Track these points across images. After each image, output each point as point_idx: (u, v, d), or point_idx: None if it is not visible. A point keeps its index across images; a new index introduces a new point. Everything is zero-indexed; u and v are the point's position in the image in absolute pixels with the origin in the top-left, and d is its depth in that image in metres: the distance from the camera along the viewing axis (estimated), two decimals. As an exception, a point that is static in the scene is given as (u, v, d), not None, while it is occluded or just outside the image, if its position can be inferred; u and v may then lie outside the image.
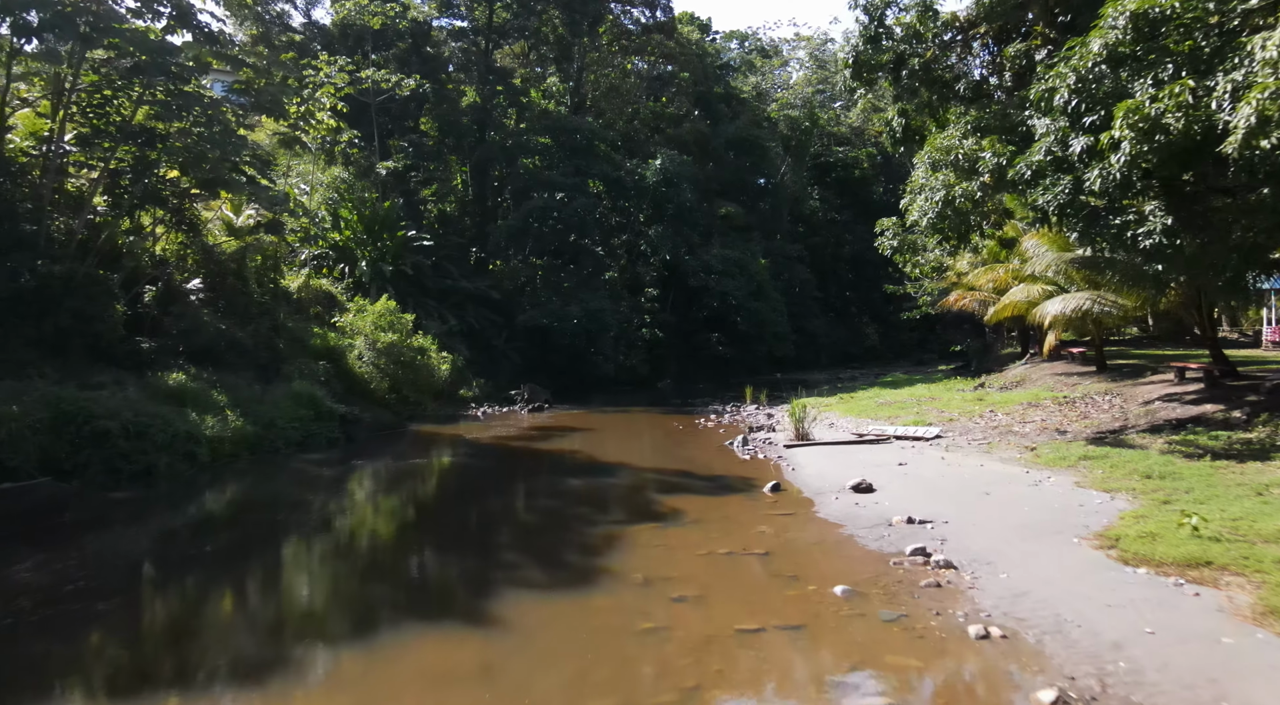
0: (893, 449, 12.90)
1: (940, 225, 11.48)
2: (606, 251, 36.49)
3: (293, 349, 19.16)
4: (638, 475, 12.13)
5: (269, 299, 19.60)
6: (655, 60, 41.38)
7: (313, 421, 15.54)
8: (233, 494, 11.48)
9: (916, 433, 13.64)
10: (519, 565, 7.58)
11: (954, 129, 11.38)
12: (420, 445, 16.36)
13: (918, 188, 11.89)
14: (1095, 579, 6.01)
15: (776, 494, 10.29)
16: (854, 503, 9.37)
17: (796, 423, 14.81)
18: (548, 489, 11.47)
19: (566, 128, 32.87)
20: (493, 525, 9.26)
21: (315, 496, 10.79)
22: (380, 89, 29.55)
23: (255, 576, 7.61)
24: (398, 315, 21.73)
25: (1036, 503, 8.49)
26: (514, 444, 16.01)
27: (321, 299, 23.17)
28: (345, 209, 27.93)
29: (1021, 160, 10.29)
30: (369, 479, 12.42)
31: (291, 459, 13.92)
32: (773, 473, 11.97)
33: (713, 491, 10.71)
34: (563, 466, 13.45)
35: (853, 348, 52.15)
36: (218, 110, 15.02)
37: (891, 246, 13.18)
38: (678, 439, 16.65)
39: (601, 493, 11.07)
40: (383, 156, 30.09)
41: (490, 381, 26.97)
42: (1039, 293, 17.61)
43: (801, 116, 47.71)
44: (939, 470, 10.75)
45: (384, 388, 20.62)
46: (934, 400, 17.69)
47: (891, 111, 13.63)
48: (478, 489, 11.72)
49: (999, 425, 13.53)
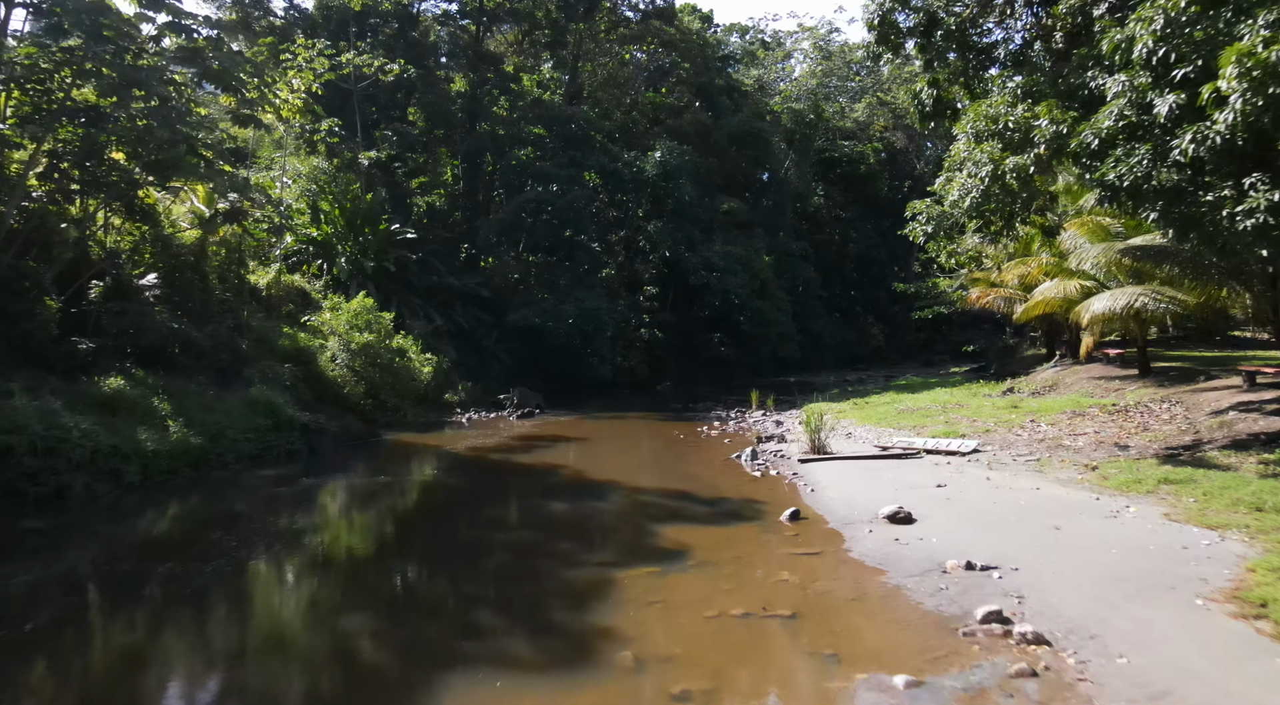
0: (925, 466, 11.26)
1: (985, 206, 9.83)
2: (603, 248, 34.85)
3: (258, 351, 17.51)
4: (633, 498, 10.48)
5: (232, 296, 17.96)
6: (654, 49, 39.74)
7: (270, 432, 13.90)
8: (145, 525, 9.65)
9: (950, 446, 12.00)
10: (480, 633, 5.94)
11: (1000, 95, 9.73)
12: (391, 458, 14.71)
13: (958, 163, 10.23)
14: (1258, 669, 4.37)
15: (796, 523, 8.64)
16: (893, 537, 7.73)
17: (812, 434, 13.16)
18: (528, 516, 9.81)
19: (561, 117, 31.23)
20: (455, 571, 7.61)
21: (241, 530, 8.96)
22: (363, 75, 27.89)
23: (100, 664, 5.60)
24: (375, 314, 20.09)
25: (1124, 542, 6.84)
26: (496, 457, 14.35)
27: (294, 296, 21.53)
28: (325, 201, 26.35)
29: (1086, 127, 8.65)
30: (316, 504, 10.66)
31: (240, 475, 12.27)
32: (789, 494, 10.33)
33: (720, 520, 9.06)
34: (548, 486, 11.79)
35: (858, 349, 50.59)
36: (161, 81, 13.35)
37: (925, 233, 11.46)
38: (679, 451, 15.01)
39: (590, 521, 9.42)
40: (367, 147, 28.42)
41: (479, 384, 25.33)
42: (1076, 289, 15.97)
43: (806, 109, 46.09)
44: (987, 494, 9.11)
45: (359, 392, 18.98)
46: (961, 407, 16.04)
47: (921, 81, 11.98)
48: (444, 517, 10.05)
49: (1045, 438, 11.88)
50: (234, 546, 8.13)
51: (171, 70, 13.61)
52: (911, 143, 59.36)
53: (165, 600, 6.70)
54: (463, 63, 31.20)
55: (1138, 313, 13.87)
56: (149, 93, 13.08)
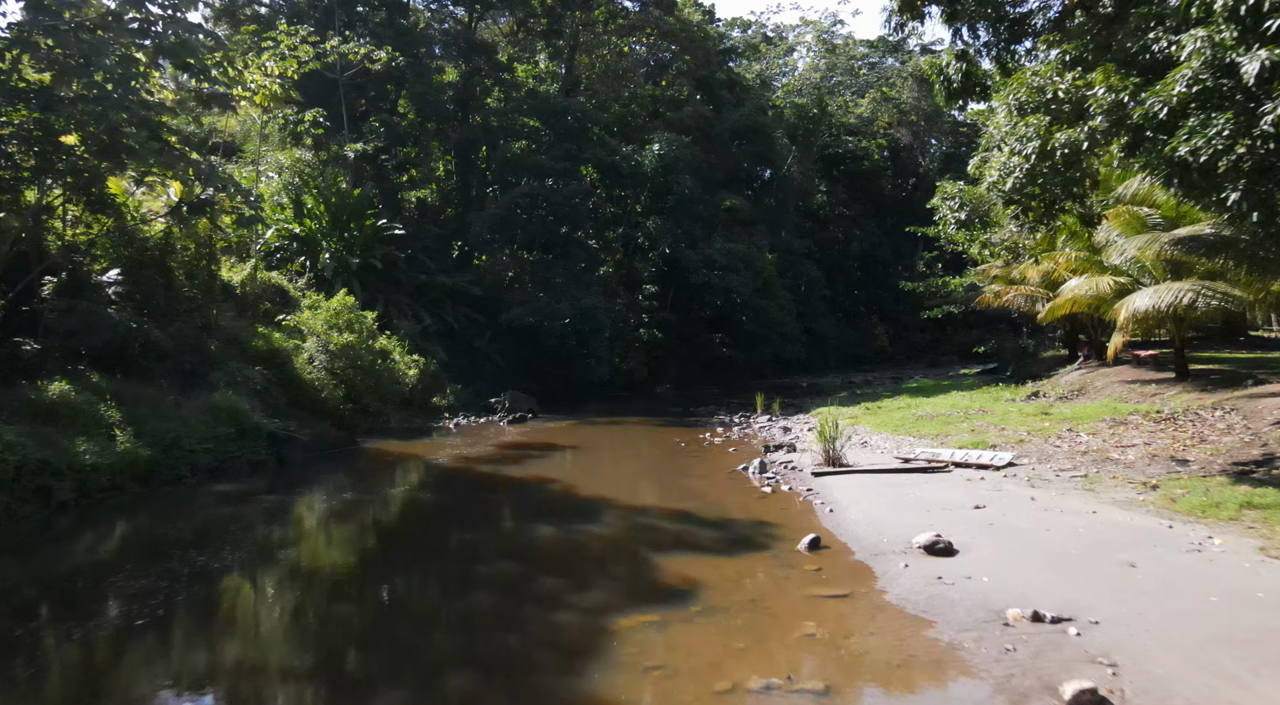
0: (955, 481, 10.06)
1: (1028, 188, 8.63)
2: (600, 245, 33.65)
3: (228, 352, 16.30)
4: (630, 519, 9.27)
5: (200, 294, 16.73)
6: (654, 41, 38.57)
7: (233, 441, 12.70)
8: (50, 557, 8.23)
9: (981, 459, 10.80)
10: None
11: (1046, 62, 8.53)
12: (367, 470, 13.51)
13: (996, 139, 9.02)
14: None
15: (817, 553, 7.45)
16: (934, 574, 6.53)
17: (826, 443, 11.96)
18: (511, 544, 8.58)
19: (557, 109, 30.02)
20: (421, 617, 6.41)
21: (162, 566, 7.60)
22: (349, 63, 26.69)
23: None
24: (357, 313, 18.85)
25: (1223, 586, 5.65)
26: (482, 469, 13.14)
27: (272, 294, 20.32)
28: (309, 195, 25.18)
29: (1152, 95, 7.46)
30: (265, 530, 9.32)
31: (193, 491, 11.06)
32: (805, 515, 9.14)
33: (729, 548, 7.86)
34: (536, 504, 10.59)
35: (861, 350, 49.40)
36: (111, 55, 12.13)
37: (956, 220, 10.29)
38: (680, 461, 13.81)
39: (581, 550, 8.20)
40: (354, 140, 27.22)
41: (470, 387, 24.15)
42: (1109, 285, 14.77)
43: (809, 104, 44.82)
44: (1036, 519, 7.91)
45: (338, 397, 17.77)
46: (985, 413, 14.84)
47: (948, 53, 10.77)
48: (415, 544, 8.83)
49: (1088, 450, 10.68)
50: (142, 591, 6.88)
51: (121, 44, 12.35)
52: (916, 140, 58.21)
53: (80, 645, 5.50)
54: (454, 52, 29.99)
55: (1187, 310, 12.66)
56: (96, 67, 11.85)
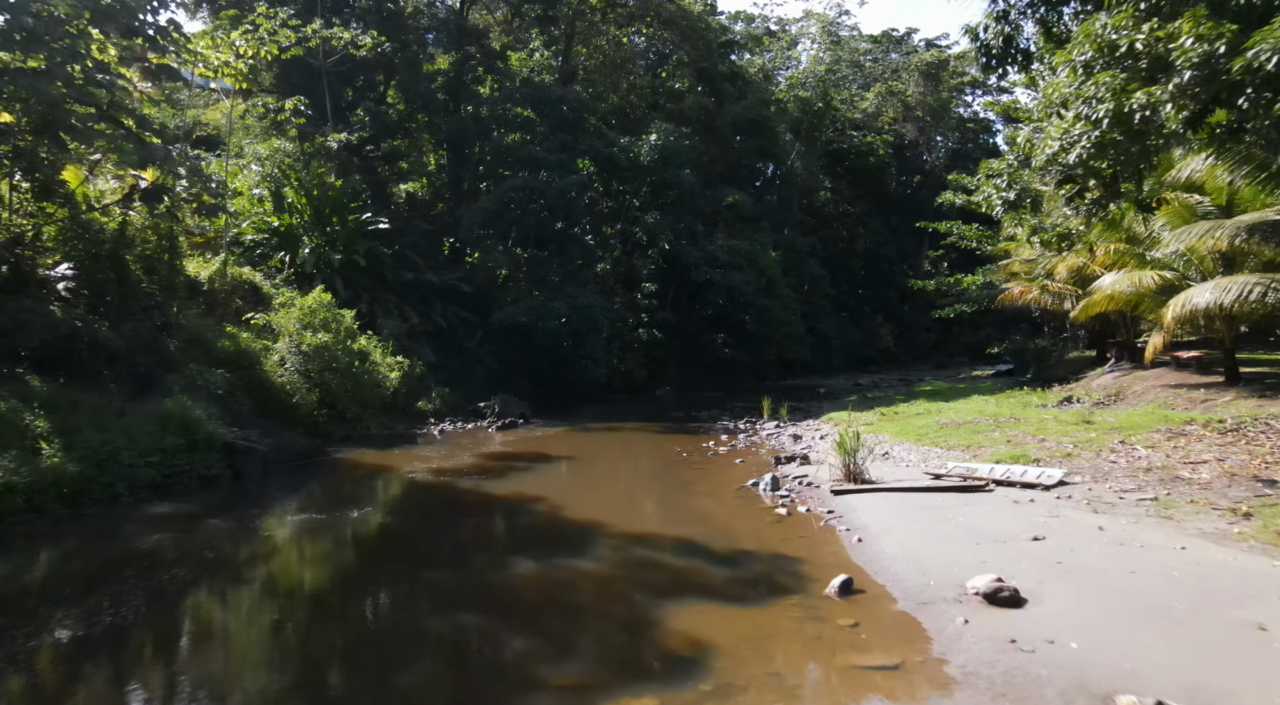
0: (1000, 503, 8.72)
1: (1096, 162, 7.27)
2: (598, 241, 32.28)
3: (190, 353, 14.95)
4: (624, 552, 7.91)
5: (159, 290, 15.39)
6: (653, 31, 37.22)
7: (181, 454, 11.33)
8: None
9: (1026, 476, 9.46)
10: None
11: (1120, 10, 7.18)
12: (333, 486, 12.15)
13: (1056, 102, 7.65)
14: None
15: (851, 600, 6.12)
16: (1004, 634, 5.19)
17: (846, 457, 10.62)
18: (475, 588, 7.15)
19: (552, 98, 28.63)
20: (357, 697, 5.07)
21: (54, 615, 6.36)
22: (332, 49, 25.34)
23: None
24: (333, 311, 17.55)
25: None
26: (462, 484, 11.76)
27: (244, 291, 18.97)
28: (290, 188, 23.83)
29: (1258, 41, 6.12)
30: (191, 566, 7.77)
31: (127, 513, 9.69)
32: (829, 544, 7.80)
33: (744, 593, 6.51)
34: (517, 532, 9.23)
35: (866, 350, 48.19)
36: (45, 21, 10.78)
37: (1004, 201, 8.88)
38: (682, 475, 12.46)
39: (560, 597, 6.82)
40: (339, 130, 25.85)
41: (460, 390, 22.80)
42: (1153, 280, 13.43)
43: (814, 97, 43.45)
44: (1113, 555, 6.56)
45: (312, 402, 16.44)
46: (1017, 421, 13.50)
47: (988, 15, 9.42)
48: (370, 586, 7.39)
49: (1150, 466, 9.33)
50: (36, 648, 5.55)
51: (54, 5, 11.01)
52: (922, 135, 56.94)
53: None
54: (445, 39, 28.63)
55: (1240, 308, 11.32)
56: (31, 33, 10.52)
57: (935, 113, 55.57)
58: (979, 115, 59.12)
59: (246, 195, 23.91)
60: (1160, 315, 13.05)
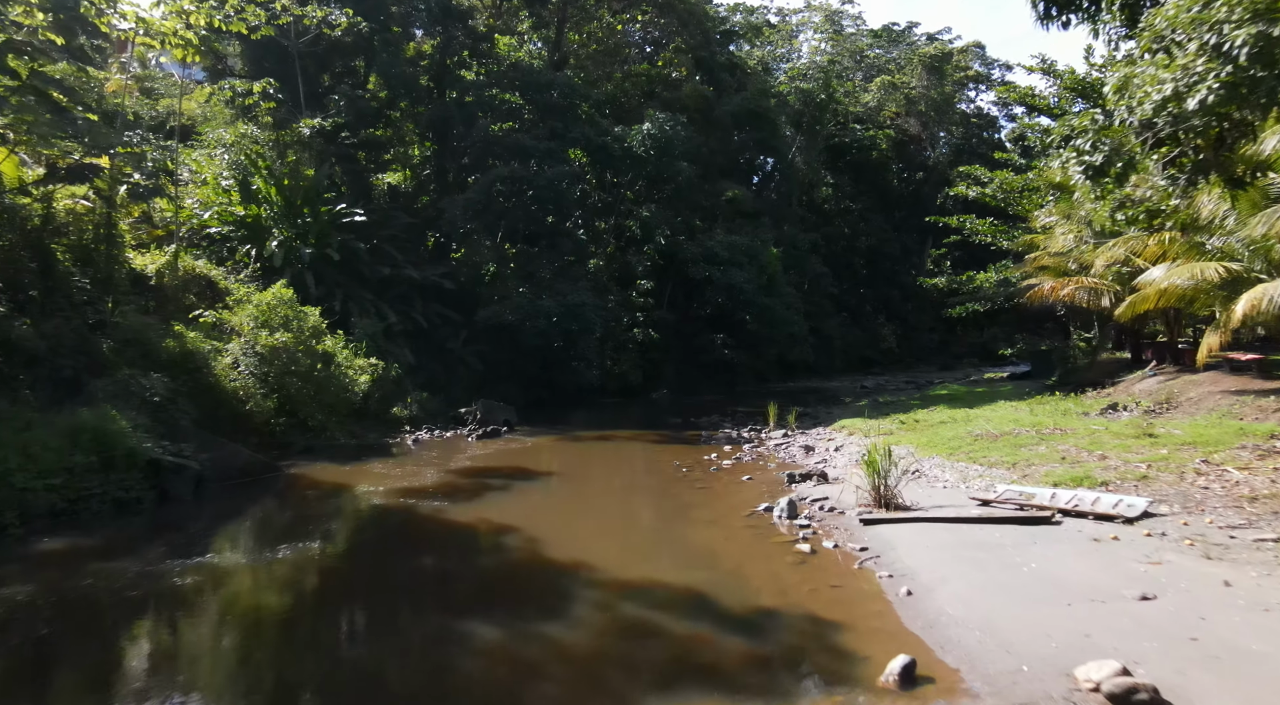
0: (1075, 539, 7.09)
1: (1226, 105, 5.61)
2: (590, 236, 30.62)
3: (126, 355, 13.26)
4: (612, 614, 6.21)
5: (92, 284, 13.68)
6: (649, 18, 35.53)
7: (94, 473, 9.64)
8: None
9: (1099, 505, 7.83)
10: None
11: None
12: (269, 513, 10.43)
13: (1164, 35, 5.98)
14: None
15: (918, 695, 4.49)
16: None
17: (876, 478, 8.99)
18: (422, 669, 5.44)
19: (541, 82, 26.95)
20: None
21: None
22: (304, 29, 23.65)
23: None
24: (295, 308, 15.86)
25: None
26: (424, 509, 10.05)
27: (199, 287, 17.26)
28: (259, 176, 22.12)
29: None
30: (40, 625, 6.10)
31: (12, 548, 7.99)
32: (870, 599, 6.17)
33: (769, 683, 4.86)
34: (479, 581, 7.48)
35: (869, 351, 46.58)
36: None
37: (1087, 166, 7.23)
38: (682, 495, 10.81)
39: (524, 692, 5.12)
40: (313, 116, 24.13)
41: (441, 395, 21.13)
42: (1217, 273, 11.82)
43: (815, 88, 41.82)
44: (1261, 627, 4.94)
45: (268, 409, 14.75)
46: (1062, 433, 11.87)
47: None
48: (251, 679, 5.66)
49: (1253, 494, 7.72)
50: None
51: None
52: (925, 130, 55.40)
53: None
54: (426, 18, 26.89)
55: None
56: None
57: (938, 107, 54.06)
58: (983, 110, 57.76)
59: (213, 184, 22.21)
60: (1228, 312, 11.46)
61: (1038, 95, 25.73)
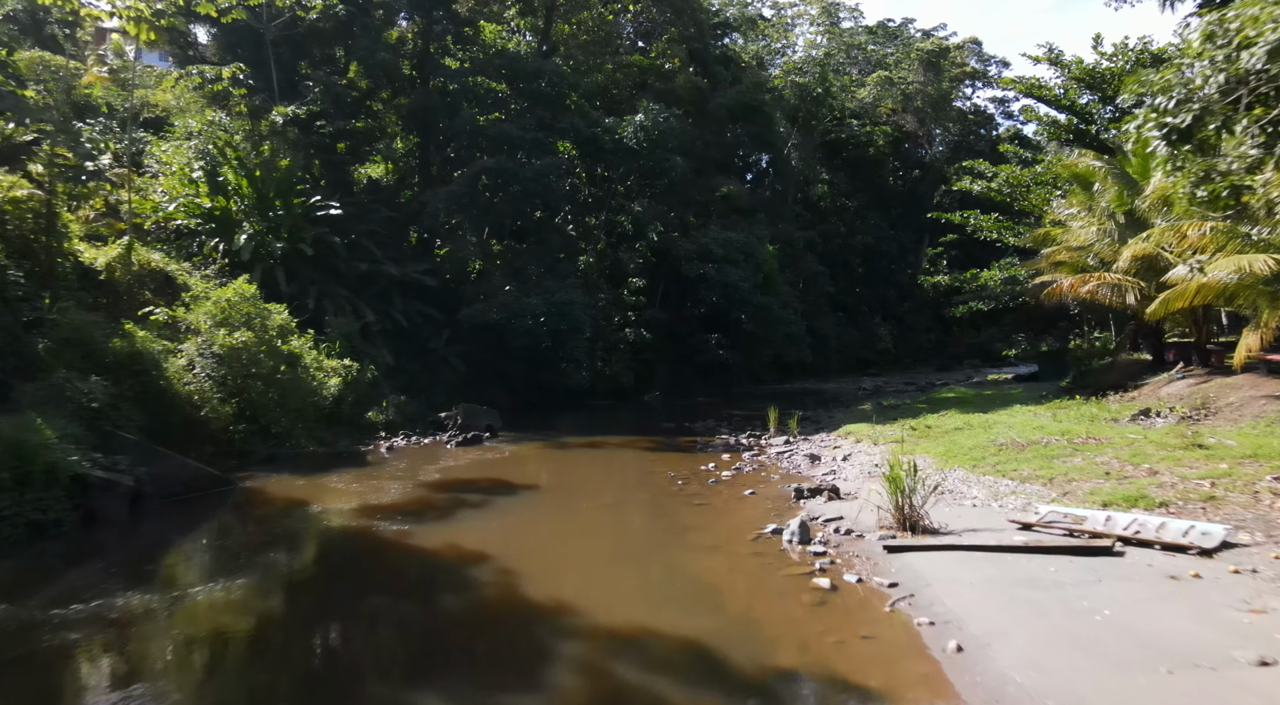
0: (1149, 577, 5.98)
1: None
2: (580, 231, 29.44)
3: (65, 356, 12.00)
4: (600, 676, 5.02)
5: (26, 278, 12.42)
6: (641, 7, 34.37)
7: (6, 491, 8.40)
8: None
9: (1166, 533, 6.73)
10: None
11: None
12: (209, 537, 9.17)
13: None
14: None
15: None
16: None
17: (899, 497, 7.87)
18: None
19: (528, 71, 25.77)
20: None
21: None
22: (278, 12, 22.39)
23: None
24: (258, 305, 14.63)
25: None
26: (387, 533, 8.84)
27: (155, 282, 16.01)
28: (229, 167, 20.87)
29: None
30: None
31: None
32: (912, 657, 5.03)
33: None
34: (441, 628, 6.20)
35: (865, 352, 45.57)
36: None
37: (1170, 129, 6.09)
38: (679, 514, 9.67)
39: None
40: (287, 105, 22.86)
41: (421, 398, 19.95)
42: (1267, 265, 10.77)
43: (812, 82, 40.74)
44: None
45: (226, 414, 13.53)
46: (1097, 442, 10.78)
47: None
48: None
49: (1348, 520, 6.63)
50: None
51: None
52: (922, 127, 54.44)
53: None
54: (406, 2, 25.65)
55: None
56: None
57: (935, 103, 53.10)
58: (980, 108, 56.92)
59: (180, 175, 20.92)
60: (1272, 309, 10.39)
61: (1044, 86, 24.73)
